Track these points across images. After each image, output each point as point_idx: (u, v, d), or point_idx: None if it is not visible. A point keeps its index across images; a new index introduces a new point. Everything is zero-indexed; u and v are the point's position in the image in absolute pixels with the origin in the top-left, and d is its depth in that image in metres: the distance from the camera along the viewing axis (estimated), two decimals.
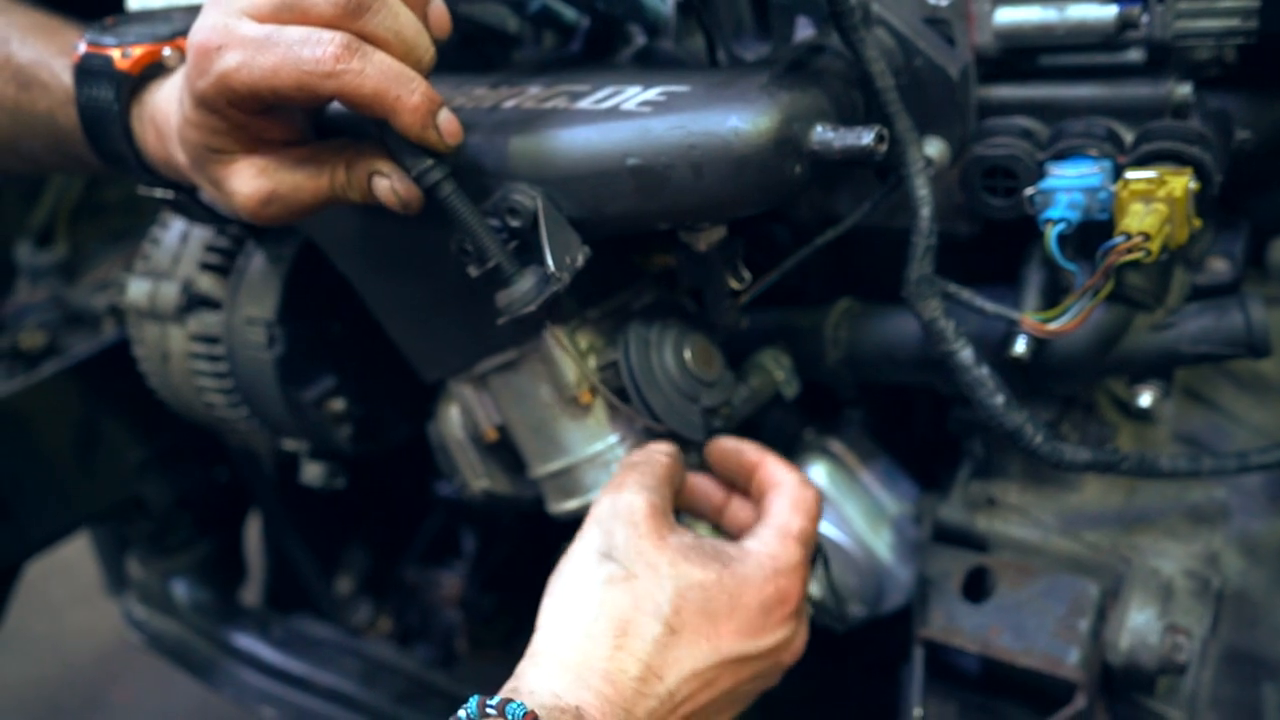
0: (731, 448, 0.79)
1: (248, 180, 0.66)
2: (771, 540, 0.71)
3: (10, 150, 0.81)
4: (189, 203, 0.78)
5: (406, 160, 0.66)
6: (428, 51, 0.63)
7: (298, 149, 0.67)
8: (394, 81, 0.61)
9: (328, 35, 0.59)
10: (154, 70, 0.72)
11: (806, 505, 0.73)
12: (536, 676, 0.62)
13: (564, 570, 0.68)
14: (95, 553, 1.68)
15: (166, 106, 0.70)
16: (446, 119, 0.64)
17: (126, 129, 0.72)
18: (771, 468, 0.76)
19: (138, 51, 0.71)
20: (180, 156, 0.69)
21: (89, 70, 0.72)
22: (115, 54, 0.71)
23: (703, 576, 0.67)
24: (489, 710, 0.58)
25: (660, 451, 0.74)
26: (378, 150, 0.67)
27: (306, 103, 0.63)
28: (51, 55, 0.76)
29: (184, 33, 0.72)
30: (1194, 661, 0.82)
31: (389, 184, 0.66)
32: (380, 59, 0.60)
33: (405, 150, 0.65)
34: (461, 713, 0.58)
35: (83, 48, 0.73)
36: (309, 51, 0.59)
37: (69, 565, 1.80)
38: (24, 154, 0.81)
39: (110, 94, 0.71)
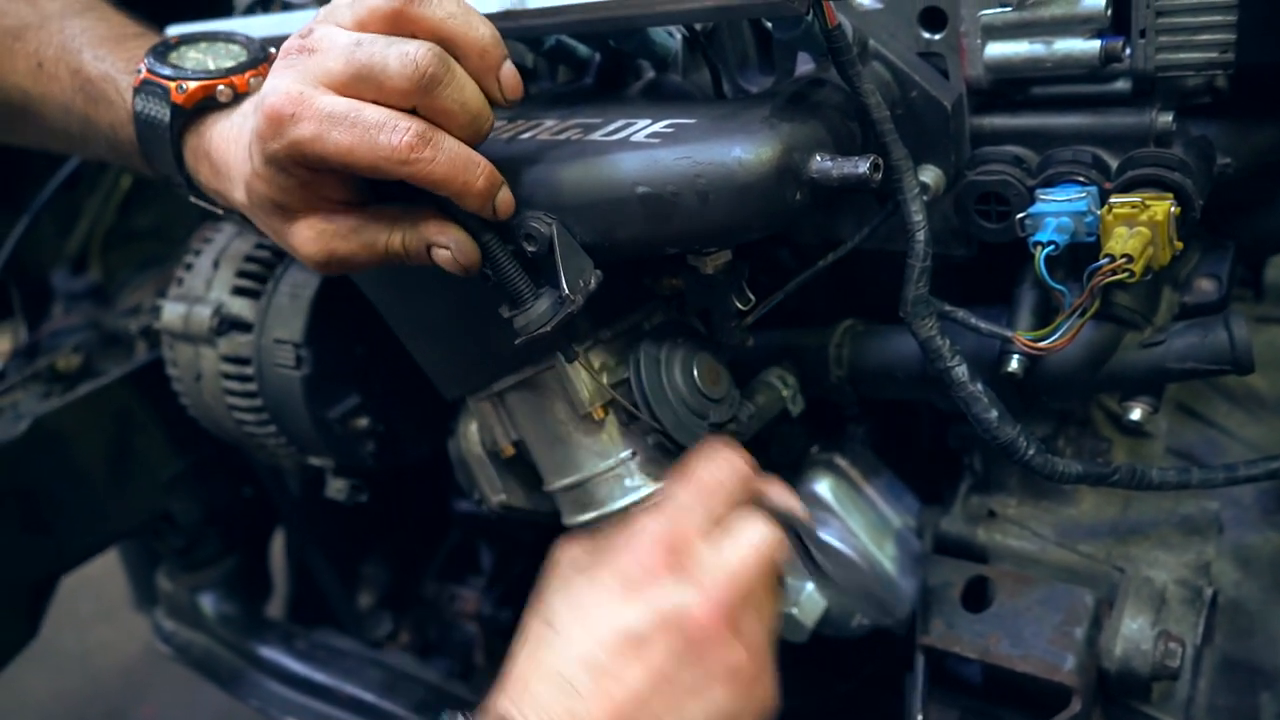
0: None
1: (307, 241, 0.69)
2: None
3: (79, 147, 0.86)
4: (241, 221, 0.82)
5: (454, 208, 0.69)
6: (489, 120, 0.67)
7: (354, 213, 0.69)
8: (461, 168, 0.65)
9: (404, 124, 0.62)
10: (208, 104, 0.75)
11: (711, 456, 0.69)
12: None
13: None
14: (124, 568, 1.72)
15: (224, 145, 0.74)
16: (504, 197, 0.69)
17: (179, 156, 0.76)
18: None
19: (192, 86, 0.74)
20: (240, 197, 0.72)
21: (147, 97, 0.76)
22: (171, 86, 0.74)
23: (581, 558, 0.66)
24: None
25: None
26: (432, 218, 0.69)
27: (376, 177, 0.66)
28: (118, 71, 0.80)
29: (239, 70, 0.76)
30: (1188, 668, 0.84)
31: (450, 254, 0.69)
32: (450, 146, 0.64)
33: (465, 218, 0.70)
34: None
35: (143, 72, 0.76)
36: (385, 138, 0.62)
37: (96, 581, 1.85)
38: (90, 152, 0.86)
39: (164, 122, 0.75)
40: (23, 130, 0.87)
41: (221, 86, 0.76)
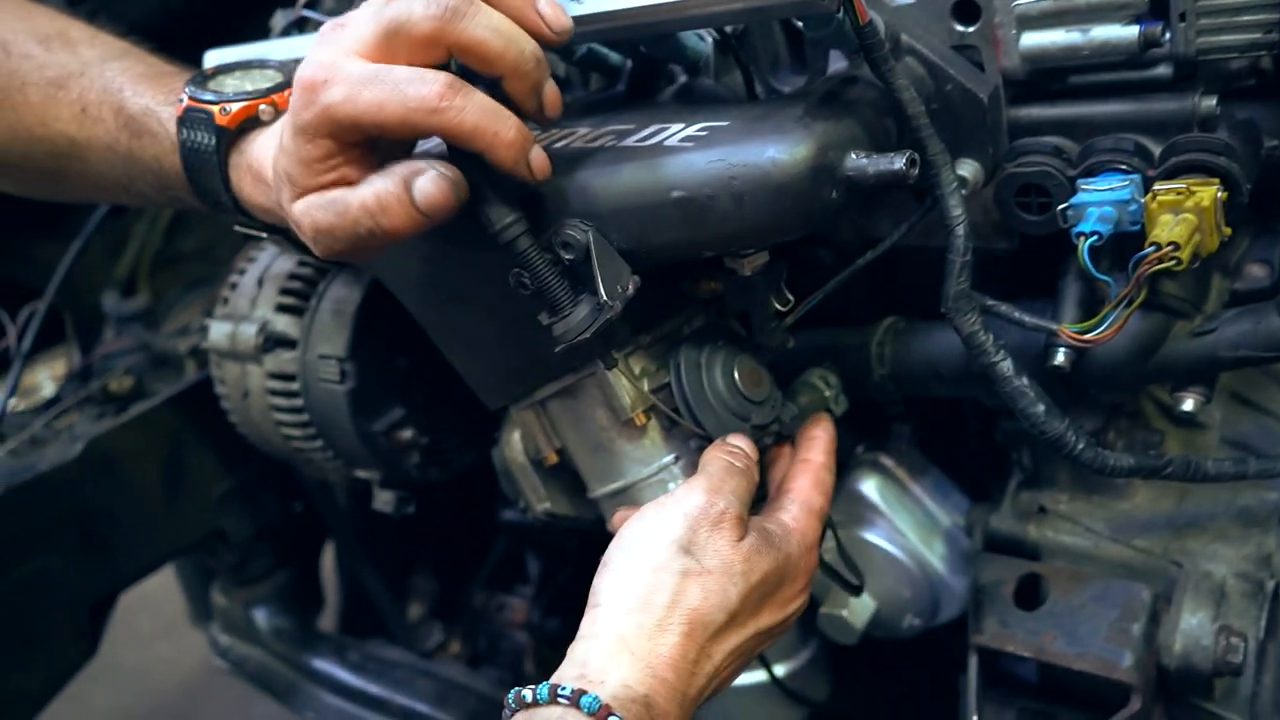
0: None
1: (300, 214, 0.69)
2: (802, 517, 0.79)
3: (124, 189, 0.87)
4: (284, 241, 0.84)
5: (491, 215, 0.70)
6: (529, 44, 0.65)
7: (340, 189, 0.68)
8: (492, 118, 0.64)
9: (433, 75, 0.63)
10: (250, 124, 0.77)
11: (826, 486, 0.82)
12: (604, 663, 0.65)
13: (634, 551, 0.72)
14: (181, 585, 1.76)
15: (263, 154, 0.75)
16: (538, 154, 0.68)
17: (225, 177, 0.78)
18: (804, 445, 0.84)
19: (235, 108, 0.76)
20: (271, 192, 0.73)
21: (191, 123, 0.77)
22: (215, 110, 0.76)
23: (767, 569, 0.73)
24: (561, 698, 0.61)
25: (755, 465, 0.80)
26: (405, 158, 0.68)
27: (406, 136, 0.66)
28: (159, 104, 0.81)
29: (278, 89, 0.78)
30: (1251, 664, 0.82)
31: (432, 175, 0.66)
32: (480, 98, 0.64)
33: (490, 207, 0.69)
34: (528, 694, 0.62)
35: (185, 101, 0.78)
36: (414, 89, 0.63)
37: (156, 599, 1.88)
38: (134, 193, 0.87)
39: (210, 145, 0.77)
40: (69, 179, 0.89)
41: (264, 106, 0.77)
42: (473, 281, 0.84)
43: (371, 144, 0.68)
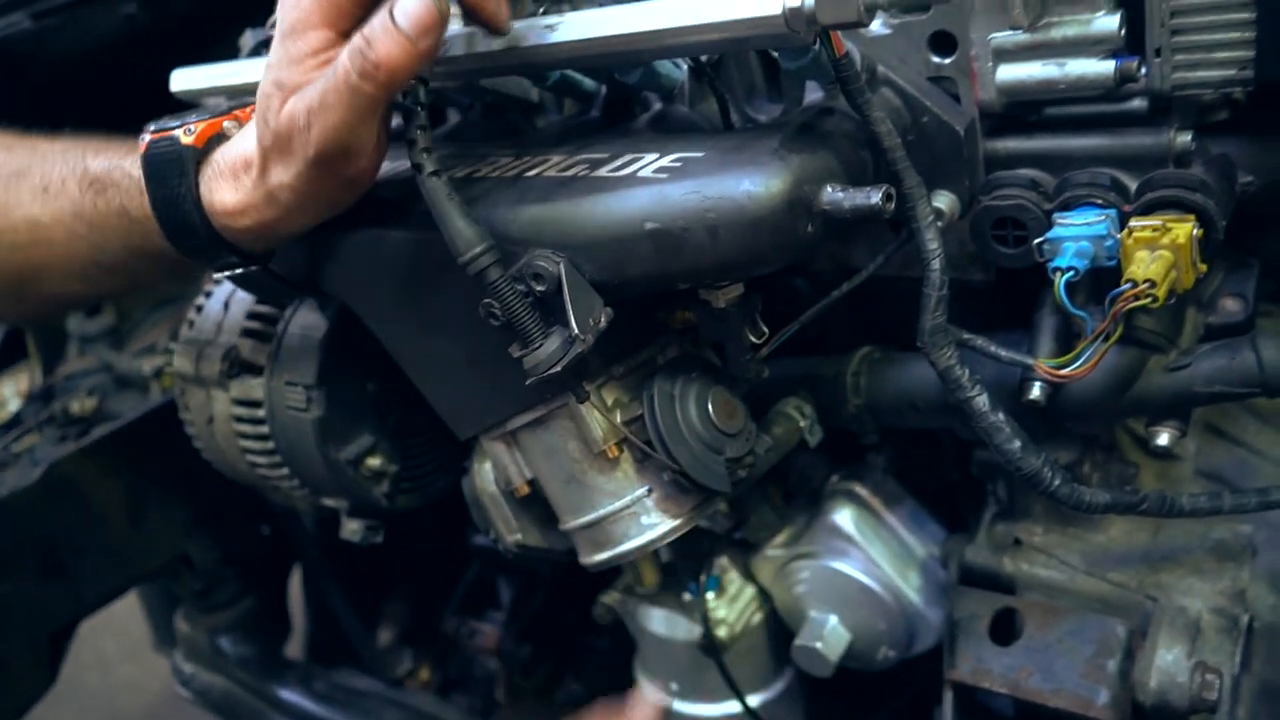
0: None
1: (291, 110, 0.69)
2: None
3: (94, 263, 0.86)
4: (260, 277, 0.82)
5: (460, 244, 0.69)
6: None
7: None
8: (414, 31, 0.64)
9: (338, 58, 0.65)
10: (217, 140, 0.77)
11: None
12: None
13: None
14: (144, 610, 1.72)
15: (235, 150, 0.75)
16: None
17: (196, 200, 0.76)
18: None
19: (200, 127, 0.76)
20: (246, 179, 0.73)
21: (157, 152, 0.76)
22: (179, 132, 0.76)
23: None
24: None
25: None
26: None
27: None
28: (121, 158, 0.82)
29: (240, 106, 0.78)
30: (1226, 700, 0.82)
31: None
32: (382, 28, 0.64)
33: (459, 236, 0.69)
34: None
35: (148, 136, 0.77)
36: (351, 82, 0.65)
37: (120, 621, 1.85)
38: (104, 265, 0.86)
39: (178, 168, 0.76)
40: (30, 273, 0.88)
41: (228, 122, 0.77)
42: (442, 311, 0.82)
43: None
